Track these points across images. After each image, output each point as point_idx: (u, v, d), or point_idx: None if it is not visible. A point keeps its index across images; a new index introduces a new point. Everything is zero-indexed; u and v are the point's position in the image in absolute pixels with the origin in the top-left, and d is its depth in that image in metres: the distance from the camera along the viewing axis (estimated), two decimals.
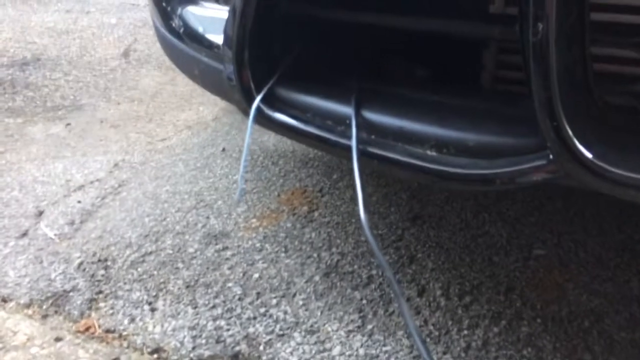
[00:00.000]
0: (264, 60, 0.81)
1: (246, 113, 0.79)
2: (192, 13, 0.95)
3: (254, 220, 1.25)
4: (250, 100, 0.79)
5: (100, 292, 1.03)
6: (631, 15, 0.72)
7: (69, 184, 1.41)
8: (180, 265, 1.10)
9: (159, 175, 1.45)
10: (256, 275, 1.07)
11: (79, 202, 1.33)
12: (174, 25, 0.96)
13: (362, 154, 0.70)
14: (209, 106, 1.93)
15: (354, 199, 1.32)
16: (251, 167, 1.49)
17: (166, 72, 2.28)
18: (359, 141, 0.70)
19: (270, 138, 1.64)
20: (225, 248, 1.15)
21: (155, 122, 1.82)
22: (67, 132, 1.73)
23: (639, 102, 0.69)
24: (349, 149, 0.71)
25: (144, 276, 1.07)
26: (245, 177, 1.43)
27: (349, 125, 0.72)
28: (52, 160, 1.54)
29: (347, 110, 0.74)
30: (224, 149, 1.59)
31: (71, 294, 1.03)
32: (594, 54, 0.68)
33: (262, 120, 0.79)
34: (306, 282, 1.05)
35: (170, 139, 1.69)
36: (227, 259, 1.12)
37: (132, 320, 0.97)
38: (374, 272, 1.07)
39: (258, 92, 0.79)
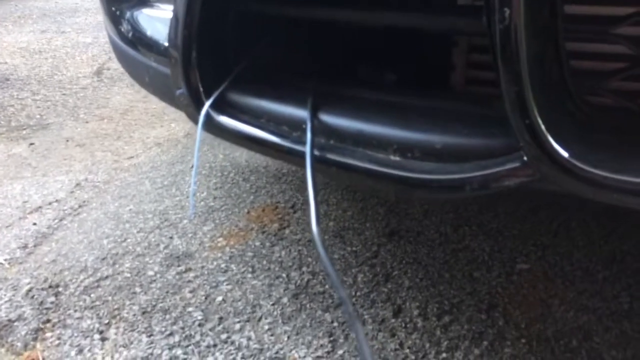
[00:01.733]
0: (214, 62, 0.74)
1: (195, 120, 0.72)
2: (142, 16, 0.88)
3: (220, 239, 1.17)
4: (199, 106, 0.72)
5: (48, 320, 0.95)
6: (609, 6, 0.67)
7: (25, 206, 1.32)
8: (137, 289, 1.02)
9: (123, 195, 1.37)
10: (219, 299, 0.99)
11: (35, 224, 1.25)
12: (123, 30, 0.89)
13: (318, 160, 0.64)
14: (181, 122, 1.86)
15: (327, 214, 1.25)
16: (221, 183, 1.42)
17: (139, 89, 2.20)
18: (314, 147, 0.63)
19: (243, 153, 1.57)
20: (187, 270, 1.07)
21: (124, 139, 1.74)
22: (30, 152, 1.65)
23: (623, 100, 0.63)
24: (304, 155, 0.64)
25: (97, 302, 0.99)
26: (214, 194, 1.36)
27: (305, 131, 0.65)
28: (10, 181, 1.46)
29: (303, 114, 0.67)
30: (193, 166, 1.52)
31: (16, 323, 0.94)
32: (570, 49, 0.63)
33: (212, 127, 0.72)
34: (273, 304, 0.97)
35: (138, 157, 1.61)
36: (189, 281, 1.04)
37: (80, 351, 0.88)
38: (346, 291, 1.00)
39: (208, 97, 0.72)
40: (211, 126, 0.72)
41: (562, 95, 0.59)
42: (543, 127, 0.53)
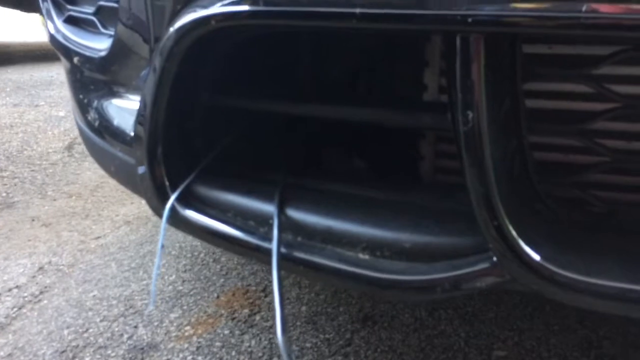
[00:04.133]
0: (181, 155, 0.73)
1: (159, 214, 0.71)
2: (111, 105, 0.87)
3: (187, 327, 1.12)
4: (164, 200, 0.70)
5: None
6: (568, 101, 0.68)
7: None
8: None
9: (87, 279, 1.32)
10: None
11: None
12: (90, 118, 0.88)
13: (285, 258, 0.62)
14: None
15: (299, 298, 1.22)
16: (191, 265, 1.38)
17: None
18: (281, 244, 0.61)
19: None
20: None
21: (92, 218, 1.70)
22: None
23: (586, 194, 0.63)
24: (271, 254, 0.62)
25: None
26: (182, 277, 1.32)
27: (272, 226, 0.64)
28: None
29: (270, 209, 0.66)
30: (163, 246, 1.48)
31: None
32: (533, 143, 0.63)
33: (177, 221, 0.70)
34: None
35: (105, 237, 1.57)
36: None
37: None
38: None
39: (173, 190, 0.71)
40: (176, 220, 0.70)
41: (529, 193, 0.59)
42: (511, 228, 0.53)
